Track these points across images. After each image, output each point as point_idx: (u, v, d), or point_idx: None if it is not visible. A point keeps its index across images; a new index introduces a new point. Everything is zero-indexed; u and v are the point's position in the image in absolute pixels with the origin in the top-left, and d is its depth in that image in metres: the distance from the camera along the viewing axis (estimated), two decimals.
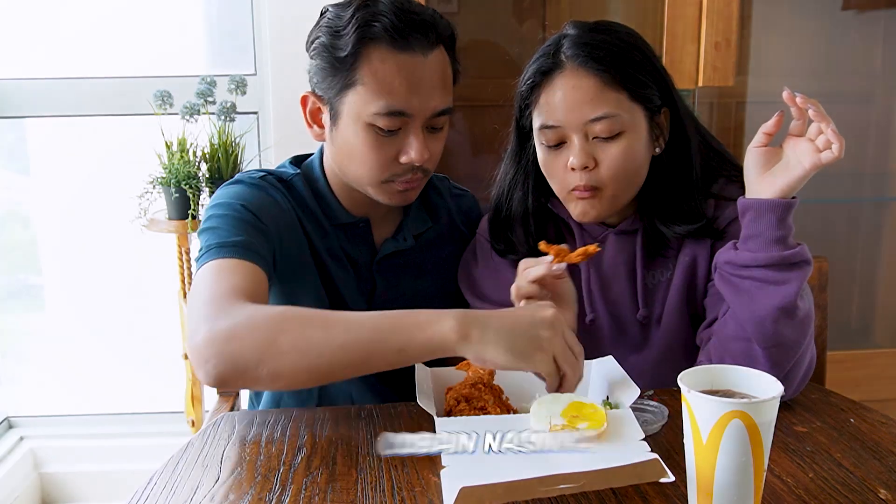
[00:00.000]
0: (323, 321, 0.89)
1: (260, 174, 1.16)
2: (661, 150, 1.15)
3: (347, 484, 0.85)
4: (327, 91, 1.09)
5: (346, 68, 1.05)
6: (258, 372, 0.87)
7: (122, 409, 2.39)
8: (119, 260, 2.33)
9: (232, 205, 1.08)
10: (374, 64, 1.04)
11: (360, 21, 1.04)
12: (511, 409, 0.97)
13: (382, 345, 0.87)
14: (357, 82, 1.05)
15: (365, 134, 1.07)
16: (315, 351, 0.86)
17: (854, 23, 2.27)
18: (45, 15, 2.17)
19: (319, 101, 1.13)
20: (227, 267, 0.99)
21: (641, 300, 1.18)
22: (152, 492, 0.85)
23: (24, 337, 2.47)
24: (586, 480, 0.73)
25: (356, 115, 1.07)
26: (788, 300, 1.00)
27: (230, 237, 1.03)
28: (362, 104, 1.06)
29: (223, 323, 0.88)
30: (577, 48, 1.09)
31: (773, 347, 1.02)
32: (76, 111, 2.14)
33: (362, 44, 1.04)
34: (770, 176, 1.01)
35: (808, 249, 1.02)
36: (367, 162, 1.09)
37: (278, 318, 0.88)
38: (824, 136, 0.96)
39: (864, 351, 2.23)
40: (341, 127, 1.10)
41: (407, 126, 1.08)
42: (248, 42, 2.13)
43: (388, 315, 0.89)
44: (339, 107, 1.09)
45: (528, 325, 0.87)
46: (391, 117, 1.06)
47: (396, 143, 1.08)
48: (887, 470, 0.88)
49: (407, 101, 1.05)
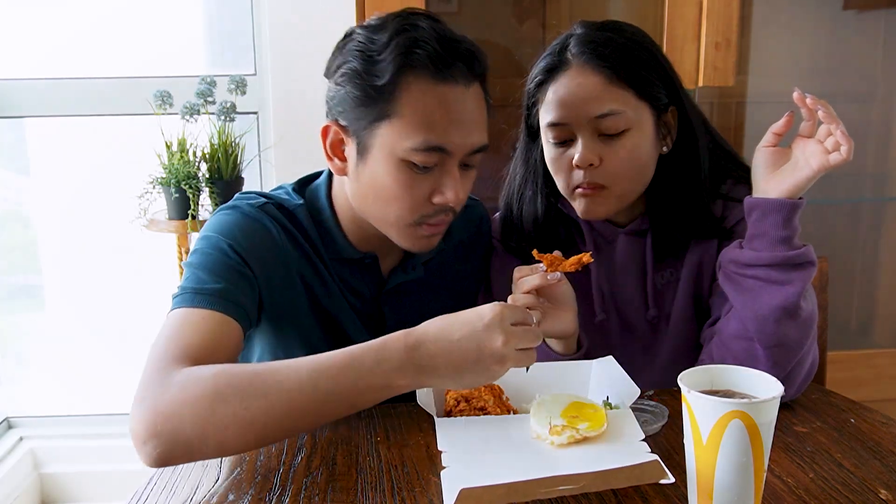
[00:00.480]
0: (261, 387, 0.82)
1: (260, 202, 1.08)
2: (669, 148, 1.14)
3: (347, 484, 0.85)
4: (356, 122, 1.00)
5: (383, 98, 0.96)
6: (204, 448, 0.82)
7: (123, 409, 2.38)
8: (119, 260, 2.33)
9: (219, 243, 1.01)
10: (413, 94, 0.95)
11: (400, 47, 0.95)
12: (511, 409, 0.97)
13: (332, 405, 0.84)
14: (393, 114, 0.96)
15: (398, 171, 0.98)
16: (259, 422, 0.82)
17: (854, 23, 2.27)
18: (45, 15, 2.17)
19: (344, 132, 1.02)
20: (194, 320, 0.94)
21: (651, 300, 1.18)
22: (152, 492, 0.85)
23: (24, 337, 2.47)
24: (586, 482, 0.73)
25: (390, 149, 0.97)
26: (790, 300, 1.00)
27: (207, 283, 0.97)
28: (398, 138, 0.97)
29: (160, 399, 0.83)
30: (583, 46, 1.09)
31: (774, 347, 1.02)
32: (76, 111, 2.14)
33: (402, 72, 0.95)
34: (778, 176, 1.02)
35: (814, 251, 1.02)
36: (398, 202, 1.00)
37: (212, 388, 0.82)
38: (833, 137, 0.97)
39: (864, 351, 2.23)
40: (370, 162, 1.00)
41: (443, 163, 0.99)
42: (248, 42, 2.13)
43: (329, 368, 0.83)
44: (368, 140, 0.99)
45: (474, 361, 0.83)
46: (429, 153, 0.97)
47: (430, 181, 1.00)
48: (888, 470, 0.88)
49: (447, 137, 0.97)
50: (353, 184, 1.05)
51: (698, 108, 1.18)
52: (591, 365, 1.02)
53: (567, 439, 0.83)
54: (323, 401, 0.83)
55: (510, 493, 0.71)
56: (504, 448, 0.84)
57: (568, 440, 0.83)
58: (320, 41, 1.92)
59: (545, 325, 1.04)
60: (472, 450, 0.83)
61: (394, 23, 0.97)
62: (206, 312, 0.94)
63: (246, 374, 0.84)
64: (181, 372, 0.85)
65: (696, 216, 1.15)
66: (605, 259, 1.19)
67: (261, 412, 0.81)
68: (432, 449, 0.92)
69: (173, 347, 0.89)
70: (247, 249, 1.02)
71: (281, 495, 0.83)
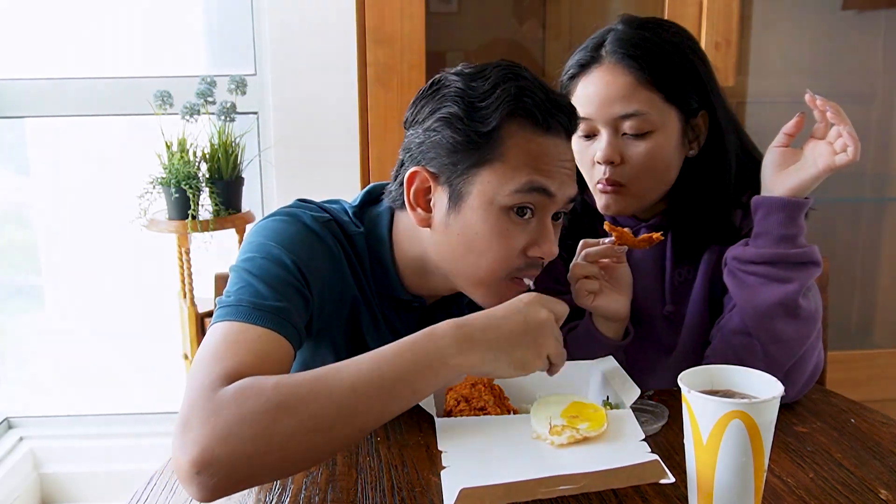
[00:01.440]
0: (325, 387, 0.78)
1: (324, 217, 1.03)
2: (696, 152, 1.14)
3: (347, 484, 0.85)
4: (450, 168, 0.96)
5: (486, 143, 0.94)
6: (265, 468, 0.75)
7: (122, 409, 2.38)
8: (119, 260, 2.33)
9: (280, 255, 0.94)
10: (518, 141, 0.94)
11: (508, 94, 0.94)
12: (511, 409, 0.97)
13: (396, 391, 0.80)
14: (496, 159, 0.94)
15: (496, 219, 0.95)
16: (326, 424, 0.76)
17: (854, 23, 2.27)
18: (44, 15, 2.17)
19: (433, 179, 0.98)
20: (248, 337, 0.86)
21: (668, 296, 1.18)
22: (152, 492, 0.85)
23: (24, 337, 2.47)
24: (587, 481, 0.73)
25: (490, 196, 0.94)
26: (789, 298, 1.01)
27: (268, 299, 0.89)
28: (499, 182, 0.94)
29: (213, 422, 0.74)
30: (617, 44, 1.10)
31: (771, 343, 1.03)
32: (76, 111, 2.14)
33: (509, 119, 0.94)
34: (784, 175, 1.03)
35: (818, 251, 1.03)
36: (492, 253, 0.96)
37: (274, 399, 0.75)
38: (842, 138, 0.97)
39: (864, 351, 2.23)
40: (464, 211, 0.96)
41: (541, 213, 0.97)
42: (248, 42, 2.13)
43: (387, 356, 0.81)
44: (464, 187, 0.96)
45: (523, 333, 0.84)
46: (531, 194, 0.94)
47: (527, 233, 0.97)
48: (888, 470, 0.88)
49: (551, 180, 0.95)
50: (440, 235, 0.99)
51: (732, 113, 1.17)
52: (591, 365, 1.02)
53: (567, 439, 0.83)
54: (388, 389, 0.79)
55: (510, 493, 0.71)
56: (504, 448, 0.84)
57: (568, 440, 0.83)
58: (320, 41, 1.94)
59: (599, 300, 1.07)
60: (472, 450, 0.83)
61: (495, 71, 0.96)
62: (263, 331, 0.87)
63: (306, 379, 0.78)
64: (232, 387, 0.77)
65: (715, 222, 1.15)
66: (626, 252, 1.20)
67: (328, 412, 0.76)
68: (432, 449, 0.92)
69: (224, 366, 0.80)
70: (308, 266, 0.96)
71: (281, 495, 0.83)
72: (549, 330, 0.85)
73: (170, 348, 2.12)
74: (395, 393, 0.79)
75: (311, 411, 0.75)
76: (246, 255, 0.95)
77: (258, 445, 0.74)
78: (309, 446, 0.76)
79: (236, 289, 0.91)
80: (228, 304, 0.89)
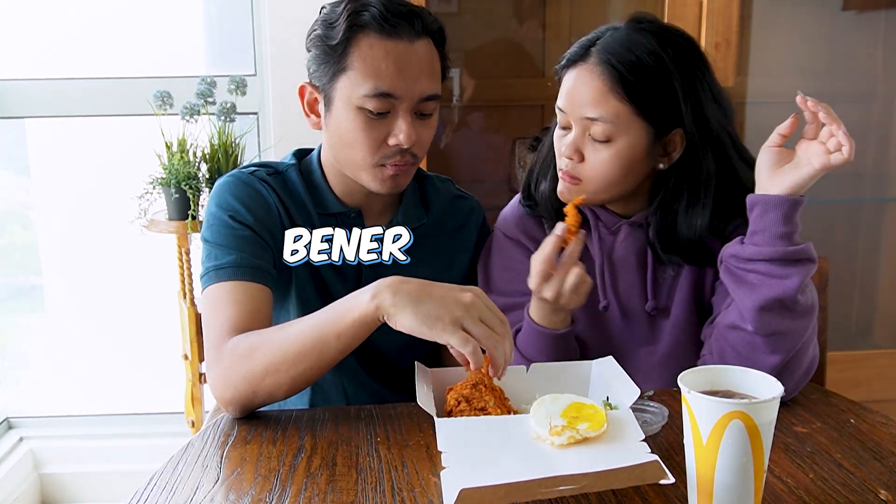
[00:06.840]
0: (276, 341, 1.01)
1: (251, 168, 1.22)
2: (666, 166, 1.14)
3: (347, 484, 0.85)
4: (321, 79, 1.15)
5: (338, 55, 1.12)
6: (257, 397, 1.02)
7: (123, 409, 2.39)
8: (119, 260, 2.33)
9: (221, 216, 1.15)
10: (363, 49, 1.11)
11: (350, 11, 1.11)
12: (511, 409, 0.97)
13: (324, 339, 0.98)
14: (348, 67, 1.11)
15: (355, 116, 1.12)
16: (283, 366, 0.99)
17: (854, 23, 2.27)
18: (45, 15, 2.17)
19: (315, 90, 1.18)
20: (224, 294, 1.09)
21: (650, 292, 1.19)
22: (152, 492, 0.85)
23: (24, 337, 2.47)
24: (587, 482, 0.73)
25: (347, 98, 1.12)
26: (788, 294, 1.02)
27: (221, 257, 1.11)
28: (352, 87, 1.11)
29: (217, 371, 1.04)
30: (604, 48, 1.11)
31: (770, 336, 1.04)
32: (76, 111, 2.14)
33: (352, 31, 1.11)
34: (780, 174, 1.03)
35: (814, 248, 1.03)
36: (358, 144, 1.14)
37: (245, 353, 1.01)
38: (835, 138, 0.98)
39: (864, 351, 2.23)
40: (334, 112, 1.15)
41: (395, 109, 1.12)
42: (248, 42, 2.13)
43: (322, 310, 1.00)
44: (331, 93, 1.14)
45: (440, 298, 0.93)
46: (379, 99, 1.10)
47: (386, 126, 1.13)
48: (888, 471, 0.88)
49: (394, 84, 1.10)
50: (325, 134, 1.20)
51: (722, 136, 1.13)
52: (591, 365, 1.02)
53: (567, 440, 0.83)
54: (318, 335, 0.98)
55: (510, 494, 0.71)
56: (504, 448, 0.84)
57: (568, 440, 0.83)
58: None
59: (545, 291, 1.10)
60: (472, 450, 0.83)
61: None
62: (230, 284, 1.09)
63: (268, 333, 1.03)
64: (226, 345, 1.04)
65: (689, 239, 1.14)
66: (608, 247, 1.20)
67: (277, 357, 0.99)
68: (432, 449, 0.92)
69: (217, 325, 1.06)
70: (244, 215, 1.15)
71: (281, 495, 0.83)
72: (469, 308, 0.92)
73: (170, 348, 2.12)
74: (324, 337, 0.98)
75: (269, 358, 1.00)
76: (204, 226, 1.17)
77: (249, 383, 1.00)
78: (279, 381, 1.00)
79: (203, 259, 1.14)
80: (202, 274, 1.12)
